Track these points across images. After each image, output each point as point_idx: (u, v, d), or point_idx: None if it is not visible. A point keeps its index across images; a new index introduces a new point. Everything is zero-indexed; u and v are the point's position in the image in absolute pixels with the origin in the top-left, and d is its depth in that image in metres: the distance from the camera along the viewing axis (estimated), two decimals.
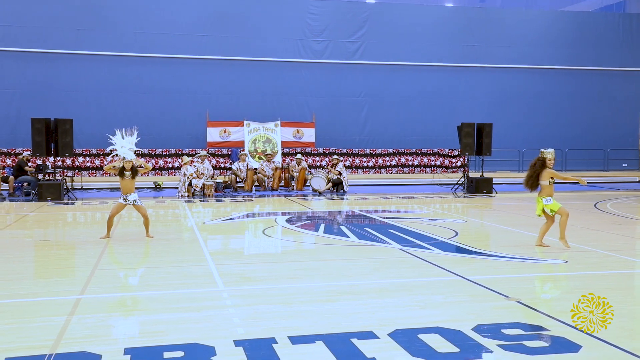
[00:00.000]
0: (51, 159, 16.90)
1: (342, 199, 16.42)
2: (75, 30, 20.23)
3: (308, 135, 20.64)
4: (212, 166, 18.15)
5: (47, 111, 17.33)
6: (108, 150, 9.73)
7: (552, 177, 8.37)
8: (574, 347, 4.40)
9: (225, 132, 19.92)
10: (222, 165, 20.41)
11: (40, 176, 16.75)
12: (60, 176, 17.00)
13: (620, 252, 8.24)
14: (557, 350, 4.39)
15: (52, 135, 15.42)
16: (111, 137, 9.21)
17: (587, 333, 4.64)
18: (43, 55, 20.10)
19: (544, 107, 23.86)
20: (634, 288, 6.64)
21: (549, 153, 8.39)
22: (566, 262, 7.57)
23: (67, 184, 16.89)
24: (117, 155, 9.30)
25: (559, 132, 23.36)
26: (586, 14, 25.33)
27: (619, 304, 5.26)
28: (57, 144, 15.45)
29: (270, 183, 18.39)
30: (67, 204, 14.83)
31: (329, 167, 18.76)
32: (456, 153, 22.23)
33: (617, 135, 24.46)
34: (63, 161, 18.84)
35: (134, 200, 9.24)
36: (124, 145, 9.17)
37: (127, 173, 9.19)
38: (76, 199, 15.70)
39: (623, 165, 24.34)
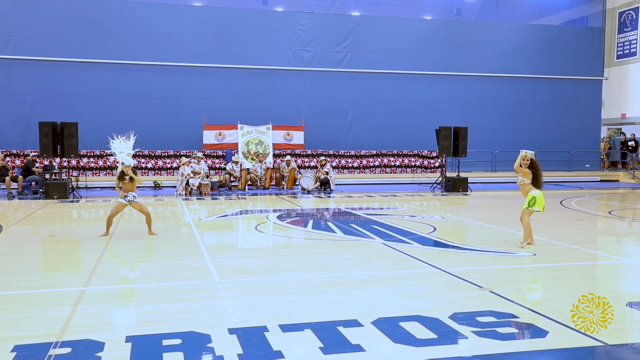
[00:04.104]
0: (57, 159, 16.75)
1: (329, 197, 16.41)
2: (81, 40, 20.04)
3: (297, 137, 20.59)
4: (207, 166, 18.06)
5: (54, 115, 17.15)
6: (110, 154, 9.66)
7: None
8: (541, 333, 4.44)
9: (220, 134, 19.82)
10: (218, 166, 20.33)
11: (47, 176, 16.60)
12: (66, 176, 16.84)
13: (583, 245, 8.31)
14: (526, 335, 4.42)
15: (59, 138, 15.30)
16: (111, 140, 9.12)
17: (552, 319, 4.67)
18: (51, 63, 19.89)
19: (516, 113, 23.98)
20: (595, 278, 6.70)
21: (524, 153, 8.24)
22: (535, 255, 7.61)
23: (73, 183, 16.76)
24: (116, 161, 9.12)
25: (529, 136, 23.47)
26: (553, 27, 25.50)
27: (582, 293, 5.29)
28: (63, 146, 15.33)
29: (262, 182, 18.34)
30: (72, 201, 14.71)
31: (317, 167, 18.74)
32: (434, 154, 22.30)
33: (581, 139, 24.64)
34: (69, 162, 18.67)
35: (134, 197, 9.06)
36: (122, 151, 9.02)
37: (127, 177, 9.02)
38: (81, 197, 15.57)
39: (586, 166, 24.54)
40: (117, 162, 9.11)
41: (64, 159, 17.36)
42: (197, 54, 21.03)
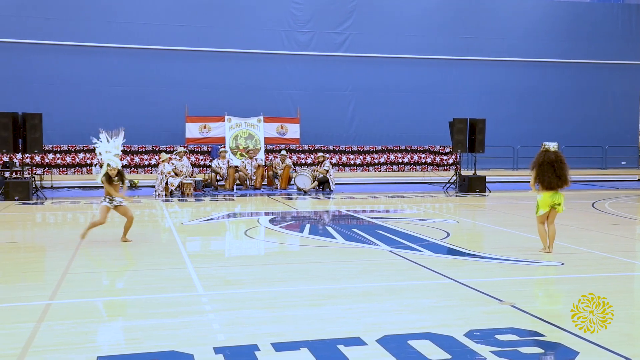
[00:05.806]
0: (19, 155, 16.73)
1: (329, 198, 16.42)
2: (45, 19, 20.02)
3: (292, 131, 20.60)
4: (191, 164, 18.06)
5: (14, 105, 17.12)
6: (95, 161, 9.78)
7: None
8: (570, 354, 4.43)
9: (205, 127, 19.82)
10: (202, 163, 20.33)
11: (7, 174, 16.58)
12: (29, 174, 16.83)
13: (619, 254, 8.32)
14: (553, 356, 4.42)
15: (20, 131, 15.29)
16: (95, 140, 9.07)
17: (582, 337, 4.68)
18: (9, 45, 19.86)
19: (540, 102, 24.03)
20: (632, 291, 6.70)
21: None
22: (562, 264, 7.62)
23: (36, 182, 16.73)
24: (101, 164, 9.10)
25: (555, 128, 23.51)
26: (583, 4, 25.53)
27: (617, 308, 5.27)
28: (25, 140, 15.32)
29: (253, 182, 18.35)
30: (35, 203, 14.69)
31: (315, 165, 18.75)
32: (448, 150, 22.31)
33: (616, 132, 24.69)
34: (32, 158, 18.65)
35: (120, 202, 8.98)
36: (109, 150, 8.99)
37: (115, 179, 8.94)
38: (46, 199, 15.55)
39: (622, 163, 24.57)
40: (101, 165, 9.09)
41: (26, 155, 17.34)
42: (179, 35, 21.02)
